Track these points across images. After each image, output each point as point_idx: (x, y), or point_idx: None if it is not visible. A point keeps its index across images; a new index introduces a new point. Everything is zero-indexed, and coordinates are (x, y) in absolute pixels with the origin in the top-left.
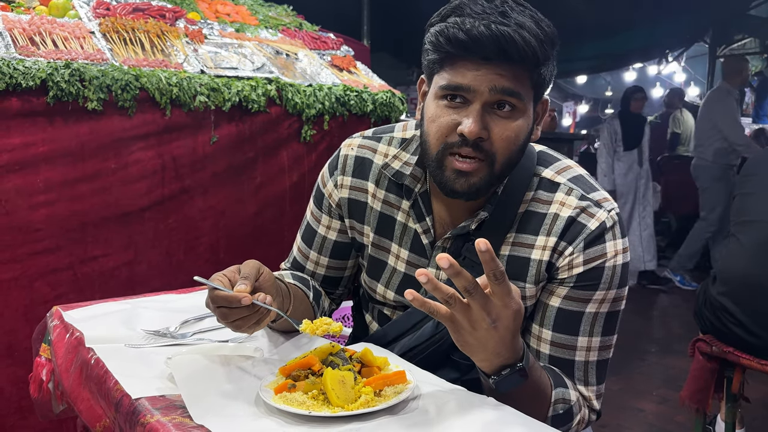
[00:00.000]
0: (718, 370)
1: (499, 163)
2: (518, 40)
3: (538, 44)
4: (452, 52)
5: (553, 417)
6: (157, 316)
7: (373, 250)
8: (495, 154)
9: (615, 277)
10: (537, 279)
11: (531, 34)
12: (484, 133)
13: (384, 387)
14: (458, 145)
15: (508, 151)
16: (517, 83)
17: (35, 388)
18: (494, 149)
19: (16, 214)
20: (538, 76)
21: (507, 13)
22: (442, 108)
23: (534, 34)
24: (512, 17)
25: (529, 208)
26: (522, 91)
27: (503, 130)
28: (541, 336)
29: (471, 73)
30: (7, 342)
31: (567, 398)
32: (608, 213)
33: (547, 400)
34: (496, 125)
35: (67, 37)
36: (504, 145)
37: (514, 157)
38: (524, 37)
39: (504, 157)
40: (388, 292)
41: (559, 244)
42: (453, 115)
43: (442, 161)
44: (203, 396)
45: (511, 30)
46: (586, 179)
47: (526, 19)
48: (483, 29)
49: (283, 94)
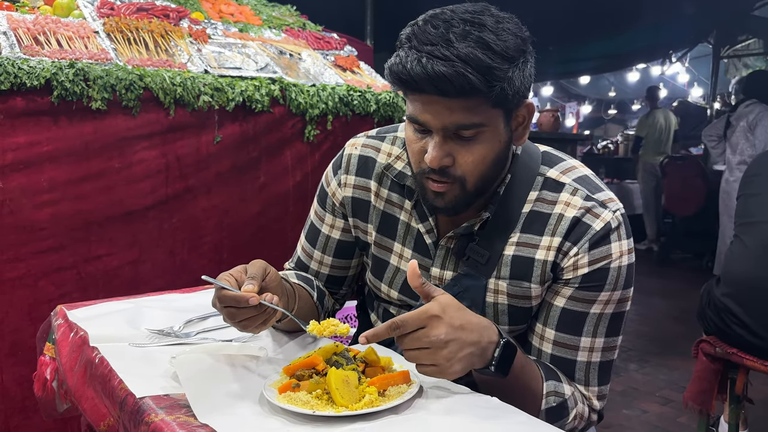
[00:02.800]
0: (722, 371)
1: (471, 183)
2: (454, 79)
3: (480, 77)
4: (401, 88)
5: (547, 410)
6: (161, 315)
7: (376, 249)
8: (464, 177)
9: (620, 277)
10: (542, 279)
11: (473, 67)
12: (447, 160)
13: (388, 387)
14: (428, 171)
15: (477, 172)
16: (471, 113)
17: (39, 386)
18: (462, 173)
19: (20, 213)
20: (498, 95)
21: (451, 42)
22: (412, 133)
23: (477, 65)
24: (455, 47)
25: (533, 208)
26: (478, 119)
27: (468, 155)
28: (544, 335)
29: (424, 109)
30: (12, 341)
31: (560, 391)
32: (613, 213)
33: (539, 392)
34: (460, 150)
35: (71, 37)
36: (470, 168)
37: (488, 172)
38: (462, 73)
39: (474, 177)
40: (392, 291)
41: (563, 244)
42: (420, 141)
43: (421, 183)
44: (207, 395)
45: (446, 67)
46: (591, 179)
47: (471, 47)
48: (419, 69)
49: (287, 94)
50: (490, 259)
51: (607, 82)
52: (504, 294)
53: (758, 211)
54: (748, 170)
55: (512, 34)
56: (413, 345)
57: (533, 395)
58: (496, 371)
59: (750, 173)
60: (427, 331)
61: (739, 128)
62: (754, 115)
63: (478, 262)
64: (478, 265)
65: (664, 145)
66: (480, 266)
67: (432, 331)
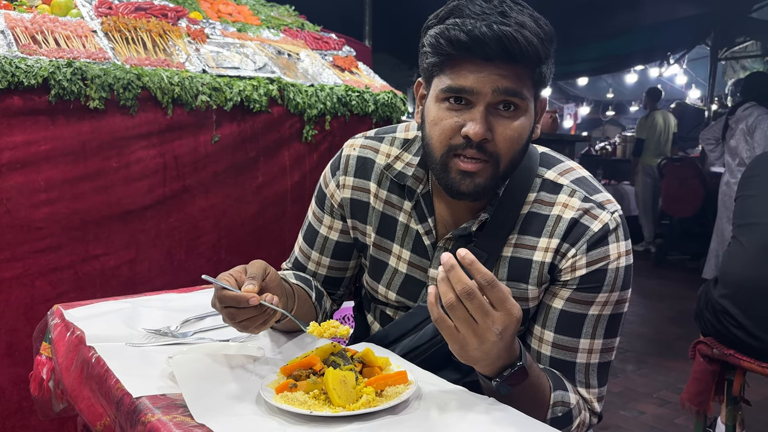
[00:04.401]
0: (719, 372)
1: (504, 163)
2: (520, 40)
3: (539, 43)
4: (453, 53)
5: (552, 419)
6: (158, 315)
7: (375, 250)
8: (499, 154)
9: (618, 279)
10: (539, 281)
11: (532, 33)
12: (489, 134)
13: (385, 387)
14: (462, 147)
15: (511, 151)
16: (520, 83)
17: (36, 386)
18: (498, 150)
19: (17, 213)
20: (539, 75)
21: (506, 12)
22: (444, 110)
23: (535, 32)
24: (512, 17)
25: (531, 209)
26: (524, 90)
27: (507, 130)
28: (543, 337)
29: (473, 75)
30: (8, 341)
31: (566, 401)
32: (611, 215)
33: (546, 402)
34: (500, 125)
35: (69, 36)
36: (508, 146)
37: (517, 156)
38: (526, 36)
39: (508, 157)
40: (390, 292)
41: (561, 245)
42: (456, 117)
43: (446, 163)
44: (204, 395)
45: (512, 29)
46: (589, 181)
47: (526, 18)
48: (485, 29)
49: (285, 94)
50: (488, 260)
51: (605, 83)
52: None
53: (756, 212)
54: (746, 171)
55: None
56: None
57: (541, 404)
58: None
59: (748, 174)
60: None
61: (738, 131)
62: (753, 119)
63: None
64: None
65: (663, 147)
66: None
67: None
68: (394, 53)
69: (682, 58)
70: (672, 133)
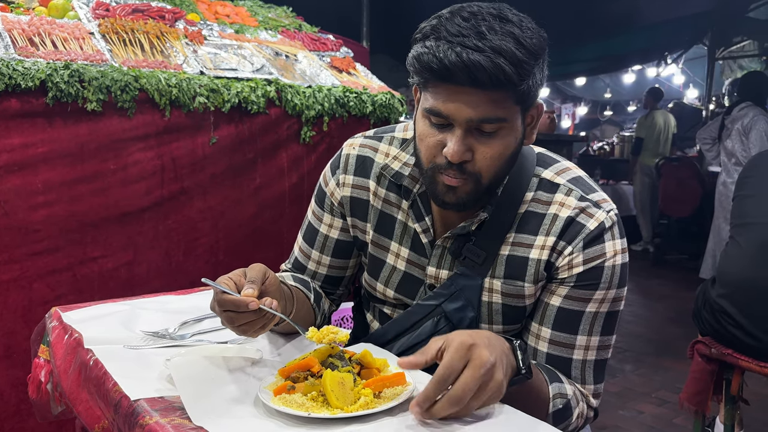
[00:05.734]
0: (717, 372)
1: (486, 179)
2: (490, 69)
3: (513, 69)
4: (429, 78)
5: (554, 412)
6: (156, 317)
7: (373, 248)
8: (480, 173)
9: (614, 276)
10: (536, 278)
11: (507, 59)
12: (468, 155)
13: (383, 389)
14: (444, 166)
15: (493, 168)
16: (496, 107)
17: (34, 389)
18: (479, 168)
19: (15, 215)
20: (521, 93)
21: (484, 34)
22: (428, 127)
23: (511, 57)
24: (488, 39)
25: (528, 208)
26: (502, 113)
27: (487, 150)
28: (540, 334)
29: (449, 101)
30: (6, 343)
31: (564, 392)
32: (607, 213)
33: (546, 397)
34: (480, 146)
35: (66, 38)
36: (488, 164)
37: (502, 170)
38: (498, 64)
39: (490, 174)
40: (388, 290)
41: (558, 243)
42: (438, 135)
43: (432, 177)
44: (202, 397)
45: (483, 58)
46: (585, 180)
47: (505, 39)
48: (454, 58)
49: (283, 96)
50: (487, 258)
51: (603, 83)
52: (498, 293)
53: (753, 212)
54: (743, 171)
55: (535, 32)
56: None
57: (542, 399)
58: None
59: (745, 174)
60: (476, 361)
61: (734, 131)
62: (749, 119)
63: (475, 262)
64: (475, 265)
65: (663, 147)
66: (476, 266)
67: (480, 358)
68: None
69: (679, 57)
70: (672, 134)
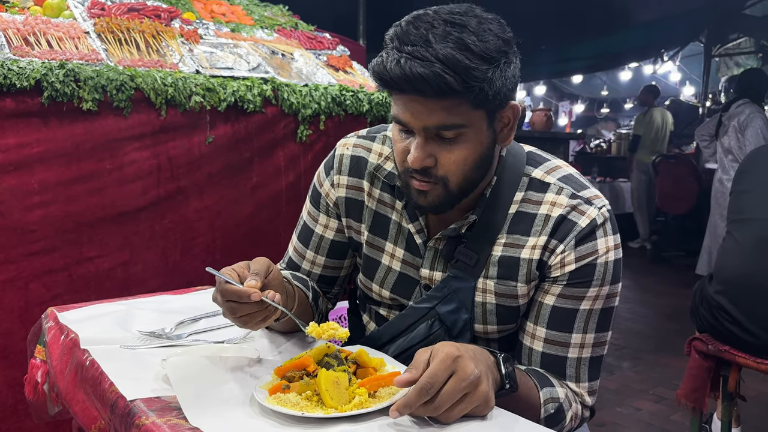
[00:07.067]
0: (715, 368)
1: (454, 184)
2: (432, 79)
3: (458, 77)
4: (384, 87)
5: (546, 417)
6: (152, 317)
7: (368, 249)
8: (446, 177)
9: (608, 273)
10: (528, 278)
11: (450, 68)
12: (429, 161)
13: (378, 388)
14: (412, 171)
15: (460, 173)
16: (451, 114)
17: (30, 390)
18: (444, 173)
19: (10, 215)
20: (479, 96)
21: (431, 42)
22: (397, 133)
23: (454, 66)
24: (433, 48)
25: (519, 208)
26: (459, 119)
27: (450, 156)
28: (535, 333)
29: (406, 110)
30: (2, 344)
31: (555, 396)
32: (599, 210)
33: (537, 403)
34: (443, 151)
35: (61, 38)
36: (453, 169)
37: (471, 173)
38: (439, 73)
39: (457, 178)
40: (384, 291)
41: (549, 242)
42: (405, 141)
43: (406, 181)
44: (198, 397)
45: (424, 68)
46: (576, 178)
47: (450, 47)
48: (397, 70)
49: (279, 94)
50: (479, 260)
51: (600, 81)
52: (492, 293)
53: (749, 208)
54: (741, 166)
55: (494, 35)
56: (455, 396)
57: (533, 406)
58: (511, 388)
59: (742, 169)
60: (460, 373)
61: (731, 128)
62: (745, 116)
63: (467, 264)
64: (467, 267)
65: (660, 145)
66: (468, 268)
67: (464, 371)
68: None
69: (675, 55)
70: (669, 132)
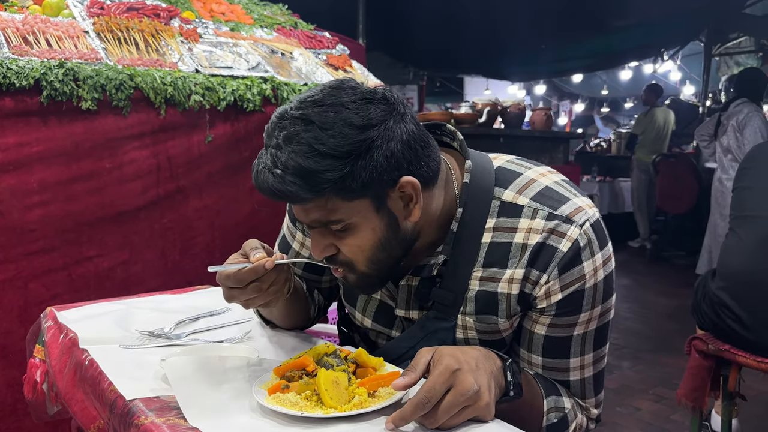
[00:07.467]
0: (715, 368)
1: (362, 267)
2: (280, 190)
3: (302, 183)
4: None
5: (548, 426)
6: (151, 316)
7: None
8: (352, 262)
9: (598, 294)
10: (509, 313)
11: (298, 175)
12: (329, 250)
13: (378, 388)
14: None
15: (364, 258)
16: (325, 211)
17: (29, 389)
18: (348, 259)
19: (10, 215)
20: (344, 190)
21: (281, 146)
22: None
23: (299, 172)
24: (283, 153)
25: (493, 238)
26: (336, 215)
27: (345, 245)
28: (532, 361)
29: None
30: (2, 343)
31: (560, 406)
32: (581, 228)
33: (540, 411)
34: (339, 241)
35: (60, 37)
36: (355, 255)
37: (377, 255)
38: (285, 183)
39: (363, 262)
40: (366, 319)
41: (530, 273)
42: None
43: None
44: (198, 397)
45: (273, 179)
46: (552, 190)
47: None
48: (255, 181)
49: (279, 93)
50: (456, 298)
51: (600, 80)
52: (473, 329)
53: (752, 205)
54: (743, 163)
55: (346, 125)
56: (453, 411)
57: (536, 413)
58: (515, 395)
59: (744, 166)
60: (458, 387)
61: (729, 127)
62: (744, 115)
63: (444, 304)
64: (445, 308)
65: (661, 144)
66: (446, 308)
67: (462, 385)
68: (389, 51)
69: (676, 54)
70: (671, 131)
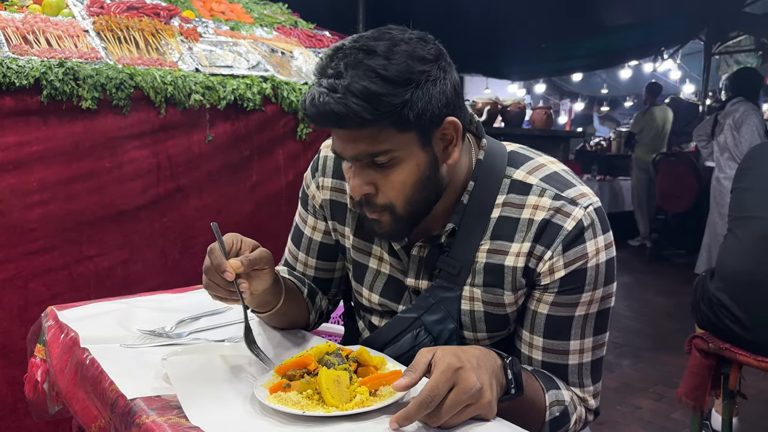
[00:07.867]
0: (715, 366)
1: (401, 209)
2: (341, 111)
3: (368, 105)
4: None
5: (551, 421)
6: (152, 315)
7: (355, 252)
8: (390, 203)
9: (600, 275)
10: (514, 286)
11: (358, 97)
12: (368, 188)
13: (379, 387)
14: (358, 201)
15: (403, 197)
16: (375, 141)
17: (30, 388)
18: (387, 200)
19: (10, 214)
20: (400, 120)
21: (341, 73)
22: (344, 164)
23: (363, 94)
24: (344, 78)
25: (502, 213)
26: (385, 146)
27: (388, 182)
28: (533, 343)
29: (336, 141)
30: (2, 343)
31: (561, 399)
32: (585, 210)
33: (542, 406)
34: (381, 178)
35: (60, 36)
36: (395, 194)
37: (416, 196)
38: (347, 105)
39: (402, 202)
40: (373, 295)
41: (535, 248)
42: (349, 172)
43: (360, 211)
44: (199, 396)
45: (334, 101)
46: (560, 176)
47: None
48: (312, 109)
49: (279, 93)
50: (462, 269)
51: (600, 79)
52: (479, 301)
53: (751, 206)
54: (742, 163)
55: (406, 56)
56: (456, 409)
57: (538, 409)
58: (516, 393)
59: (743, 166)
60: (461, 385)
61: (726, 126)
62: (740, 114)
63: (450, 273)
64: (451, 276)
65: (660, 143)
66: (453, 277)
67: (465, 383)
68: None
69: (675, 53)
70: (669, 130)
